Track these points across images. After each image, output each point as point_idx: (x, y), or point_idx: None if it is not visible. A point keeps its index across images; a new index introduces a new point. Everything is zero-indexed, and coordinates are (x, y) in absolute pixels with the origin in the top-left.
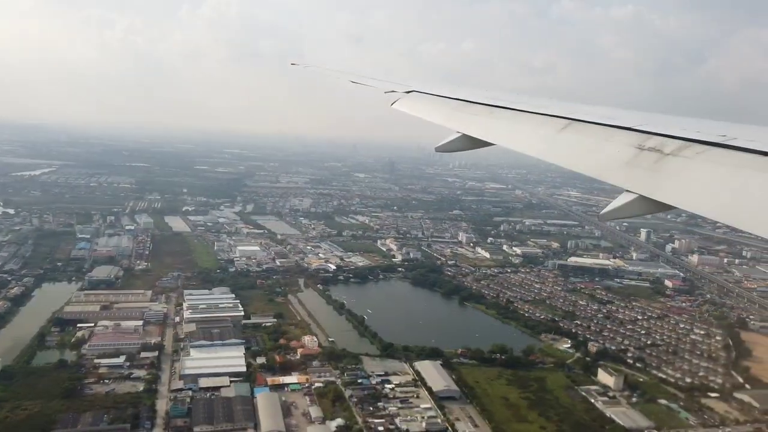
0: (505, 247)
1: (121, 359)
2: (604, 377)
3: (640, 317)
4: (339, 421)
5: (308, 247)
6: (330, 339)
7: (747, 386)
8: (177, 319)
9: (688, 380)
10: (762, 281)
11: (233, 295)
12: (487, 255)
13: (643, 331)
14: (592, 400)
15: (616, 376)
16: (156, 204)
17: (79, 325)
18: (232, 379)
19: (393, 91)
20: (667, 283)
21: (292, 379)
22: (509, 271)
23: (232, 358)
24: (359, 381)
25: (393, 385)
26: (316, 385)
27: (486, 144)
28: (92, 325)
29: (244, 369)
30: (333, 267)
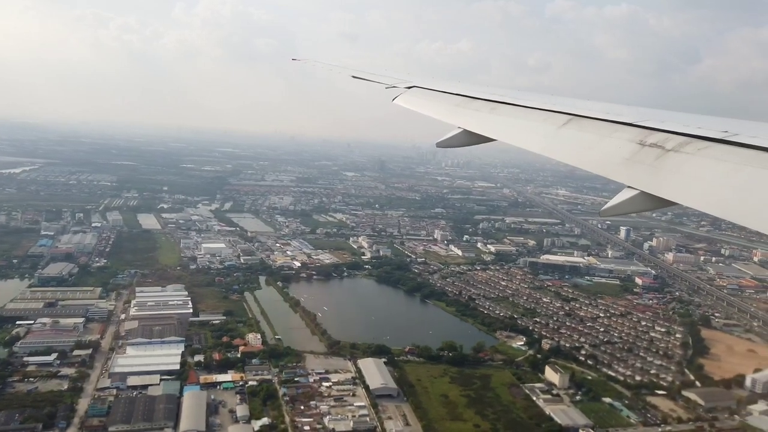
0: (479, 245)
1: (53, 357)
2: (550, 375)
3: (601, 315)
4: (264, 420)
5: (277, 245)
6: (277, 336)
7: (697, 384)
8: (123, 316)
9: (638, 378)
10: (734, 279)
11: (186, 293)
12: (460, 252)
13: (602, 329)
14: (534, 398)
15: (561, 374)
16: (132, 202)
17: (18, 322)
18: (164, 377)
19: (394, 87)
20: (638, 280)
21: (226, 377)
22: (478, 268)
23: (168, 356)
24: (296, 379)
25: (330, 383)
26: (251, 383)
27: (487, 139)
28: (31, 322)
29: (177, 367)
30: (297, 264)
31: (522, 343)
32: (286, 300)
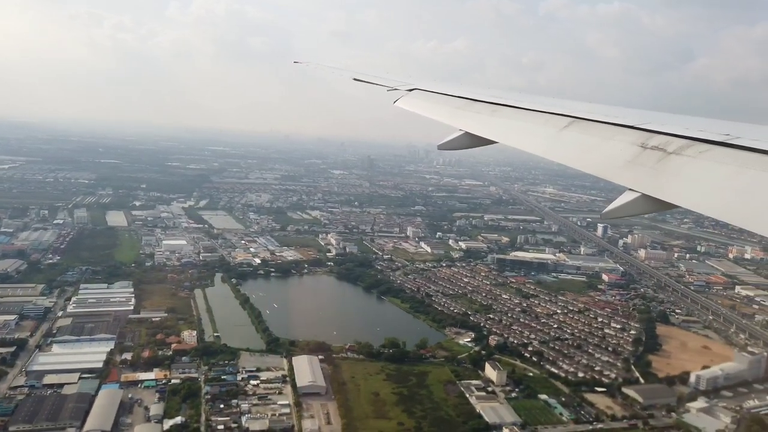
0: (451, 242)
1: None
2: (489, 372)
3: (558, 311)
4: (177, 419)
5: (242, 242)
6: (216, 334)
7: (641, 381)
8: (60, 313)
9: (581, 375)
10: (704, 275)
11: (131, 290)
12: (429, 249)
13: (555, 325)
14: (468, 395)
15: (500, 371)
16: (105, 199)
17: None
18: (84, 375)
19: (396, 89)
20: (604, 277)
21: (149, 375)
22: (444, 265)
23: (94, 353)
24: (223, 377)
25: (258, 382)
26: (174, 381)
27: (488, 142)
28: None
29: (100, 365)
30: (258, 261)
31: (469, 339)
32: (237, 297)
